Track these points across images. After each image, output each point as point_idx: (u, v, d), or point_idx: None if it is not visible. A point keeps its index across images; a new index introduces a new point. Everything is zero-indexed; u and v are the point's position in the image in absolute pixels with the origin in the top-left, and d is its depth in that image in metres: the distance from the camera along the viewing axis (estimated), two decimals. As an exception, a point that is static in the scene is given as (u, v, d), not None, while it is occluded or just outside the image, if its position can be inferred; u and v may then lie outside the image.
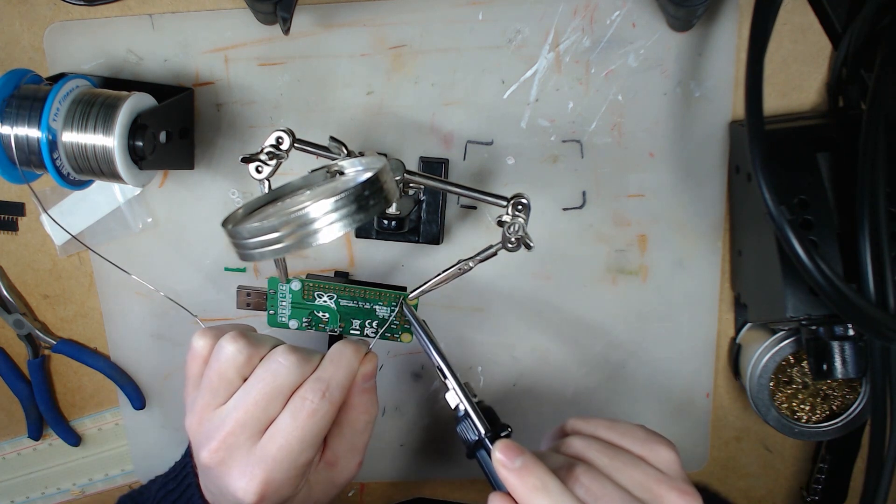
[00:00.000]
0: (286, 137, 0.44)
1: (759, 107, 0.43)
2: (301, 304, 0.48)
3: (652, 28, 0.51)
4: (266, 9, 0.46)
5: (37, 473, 0.62)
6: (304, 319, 0.48)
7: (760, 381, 0.53)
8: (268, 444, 0.41)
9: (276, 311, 0.48)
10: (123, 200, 0.55)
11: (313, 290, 0.48)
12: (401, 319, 0.48)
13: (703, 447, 0.59)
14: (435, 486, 0.61)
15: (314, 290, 0.48)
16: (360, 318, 0.48)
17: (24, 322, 0.57)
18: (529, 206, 0.44)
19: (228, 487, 0.41)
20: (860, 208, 0.43)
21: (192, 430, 0.43)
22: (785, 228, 0.41)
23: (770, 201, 0.41)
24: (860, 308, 0.41)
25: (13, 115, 0.45)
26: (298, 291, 0.48)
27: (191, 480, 0.46)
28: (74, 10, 0.52)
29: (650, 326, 0.57)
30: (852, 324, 0.46)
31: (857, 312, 0.42)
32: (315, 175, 0.46)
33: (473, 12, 0.52)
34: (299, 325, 0.49)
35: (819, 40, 0.51)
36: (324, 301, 0.48)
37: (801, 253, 0.41)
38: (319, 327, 0.49)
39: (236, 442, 0.41)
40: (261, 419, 0.41)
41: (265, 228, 0.37)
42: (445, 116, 0.53)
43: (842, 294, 0.41)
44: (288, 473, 0.41)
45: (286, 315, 0.48)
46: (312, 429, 0.41)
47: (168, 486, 0.47)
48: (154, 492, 0.48)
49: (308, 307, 0.48)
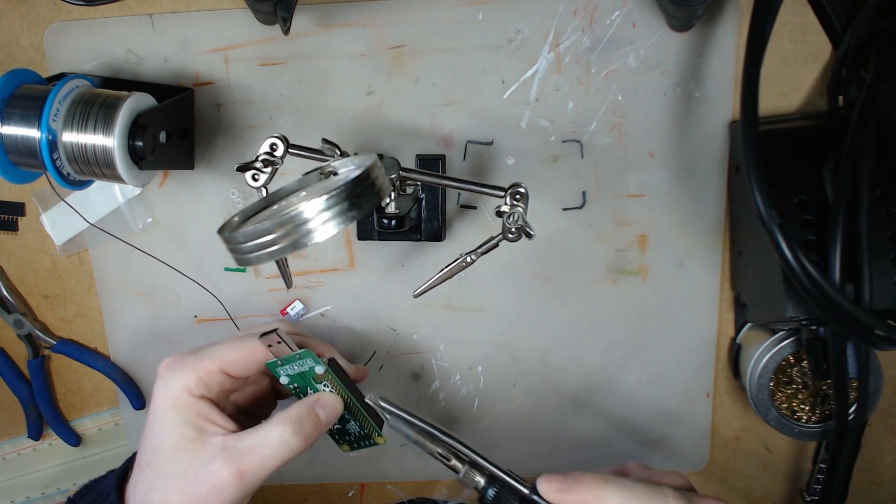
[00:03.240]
0: (280, 144, 0.44)
1: (754, 110, 0.43)
2: (306, 378, 0.47)
3: (652, 28, 0.51)
4: (266, 9, 0.46)
5: (37, 473, 0.62)
6: (294, 385, 0.47)
7: (760, 381, 0.53)
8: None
9: (282, 365, 0.46)
10: (123, 200, 0.55)
11: (324, 378, 0.47)
12: (369, 428, 0.49)
13: (703, 447, 0.59)
14: (435, 486, 0.61)
15: (325, 378, 0.47)
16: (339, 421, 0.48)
17: (24, 322, 0.57)
18: (527, 194, 0.44)
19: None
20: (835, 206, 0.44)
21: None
22: (774, 231, 0.41)
23: (761, 204, 0.41)
24: (846, 311, 0.42)
25: (13, 115, 0.45)
26: (315, 373, 0.46)
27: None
28: (74, 10, 0.52)
29: (650, 326, 0.57)
30: (837, 328, 0.46)
31: (842, 316, 0.42)
32: (309, 177, 0.46)
33: (473, 12, 0.52)
34: (288, 385, 0.47)
35: (819, 40, 0.51)
36: (322, 388, 0.47)
37: (789, 254, 0.41)
38: (300, 397, 0.48)
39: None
40: None
41: (259, 231, 0.37)
42: (445, 116, 0.53)
43: (827, 296, 0.41)
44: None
45: (287, 373, 0.47)
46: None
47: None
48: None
49: (308, 384, 0.47)
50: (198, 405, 0.44)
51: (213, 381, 0.45)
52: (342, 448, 0.51)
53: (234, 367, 0.45)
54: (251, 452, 0.42)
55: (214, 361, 0.45)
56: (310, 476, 0.61)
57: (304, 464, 0.61)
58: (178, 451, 0.43)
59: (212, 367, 0.45)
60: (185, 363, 0.45)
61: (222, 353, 0.45)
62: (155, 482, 0.43)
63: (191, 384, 0.44)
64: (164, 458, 0.43)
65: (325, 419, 0.45)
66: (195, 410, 0.44)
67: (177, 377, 0.44)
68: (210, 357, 0.45)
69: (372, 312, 0.57)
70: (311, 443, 0.44)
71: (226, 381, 0.46)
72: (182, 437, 0.43)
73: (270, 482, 0.61)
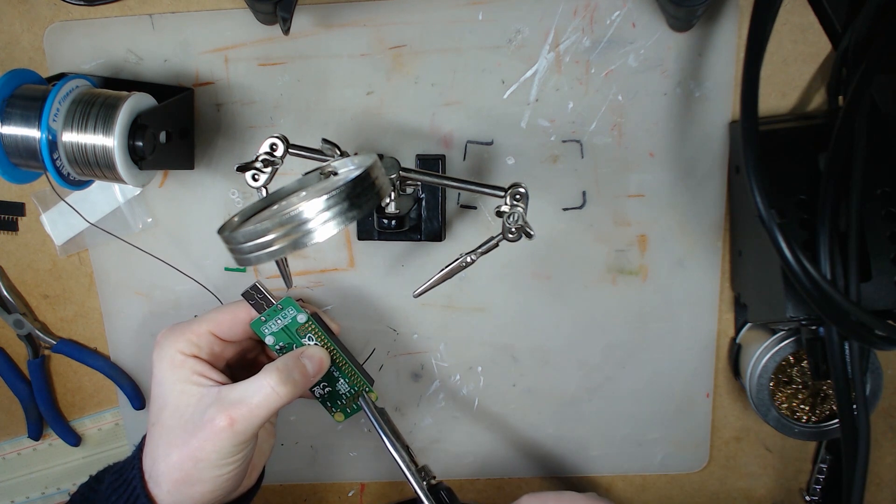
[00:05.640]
0: (280, 144, 0.44)
1: (754, 110, 0.43)
2: (290, 333, 0.48)
3: (652, 28, 0.51)
4: (266, 9, 0.46)
5: (37, 473, 0.62)
6: (280, 344, 0.49)
7: (760, 381, 0.53)
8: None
9: (266, 321, 0.48)
10: (123, 200, 0.55)
11: (308, 331, 0.48)
12: (359, 384, 0.50)
13: (703, 447, 0.59)
14: (435, 486, 0.61)
15: (308, 330, 0.48)
16: (323, 378, 0.50)
17: (24, 322, 0.57)
18: (528, 194, 0.44)
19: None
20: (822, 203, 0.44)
21: None
22: (774, 230, 0.41)
23: (760, 204, 0.41)
24: (845, 311, 0.42)
25: (13, 115, 0.45)
26: (299, 324, 0.48)
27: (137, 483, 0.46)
28: (74, 10, 0.52)
29: (650, 326, 0.57)
30: (838, 328, 0.46)
31: (842, 316, 0.42)
32: (309, 177, 0.46)
33: (473, 12, 0.52)
34: (273, 345, 0.49)
35: (819, 40, 0.51)
36: (307, 341, 0.49)
37: (789, 254, 0.41)
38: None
39: None
40: None
41: (259, 231, 0.37)
42: (445, 116, 0.53)
43: (828, 296, 0.41)
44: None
45: (271, 331, 0.48)
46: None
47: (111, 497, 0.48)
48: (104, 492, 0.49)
49: (293, 339, 0.49)
50: (191, 363, 0.47)
51: (202, 343, 0.48)
52: (336, 418, 0.51)
53: (222, 329, 0.48)
54: (242, 401, 0.45)
55: (203, 325, 0.48)
56: (310, 476, 0.61)
57: (304, 464, 0.61)
58: (177, 406, 0.46)
59: (201, 329, 0.48)
60: (178, 329, 0.48)
61: (211, 316, 0.49)
62: (159, 438, 0.46)
63: (182, 346, 0.47)
64: (165, 416, 0.46)
65: (311, 369, 0.47)
66: (189, 368, 0.46)
67: (170, 342, 0.48)
68: (199, 321, 0.48)
69: (372, 312, 0.57)
70: (299, 392, 0.46)
71: (215, 343, 0.48)
72: (181, 392, 0.46)
73: (270, 482, 0.61)
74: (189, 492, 0.45)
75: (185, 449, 0.44)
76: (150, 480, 0.46)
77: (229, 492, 0.47)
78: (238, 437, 0.44)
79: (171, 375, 0.46)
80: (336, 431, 0.60)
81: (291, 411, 0.60)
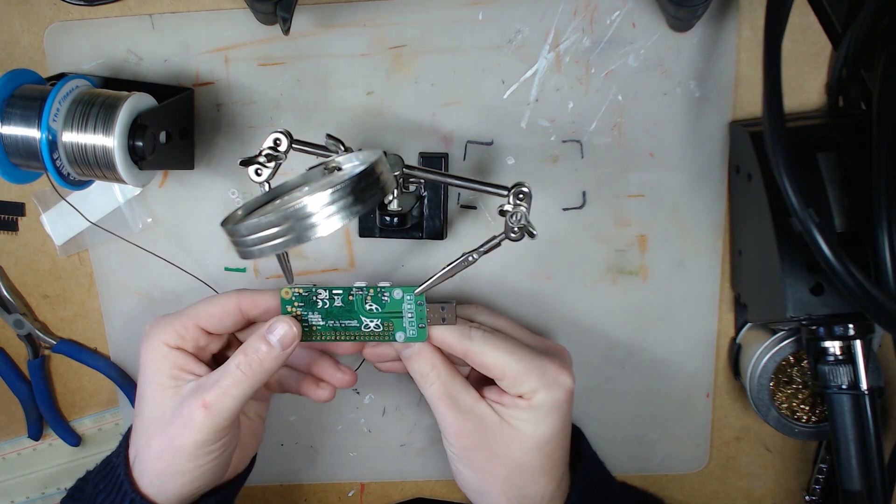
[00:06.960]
0: (284, 139, 0.44)
1: (779, 109, 0.42)
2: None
3: (652, 28, 0.51)
4: (266, 9, 0.46)
5: (37, 473, 0.62)
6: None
7: (760, 381, 0.53)
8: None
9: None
10: (123, 200, 0.55)
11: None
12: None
13: (703, 447, 0.59)
14: (435, 486, 0.61)
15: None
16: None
17: (24, 322, 0.57)
18: (531, 194, 0.44)
19: None
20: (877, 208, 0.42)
21: None
22: (812, 231, 0.40)
23: (797, 204, 0.40)
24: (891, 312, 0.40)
25: (13, 115, 0.45)
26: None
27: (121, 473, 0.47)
28: (74, 10, 0.52)
29: (650, 326, 0.57)
30: (883, 327, 0.44)
31: (889, 316, 0.40)
32: (313, 172, 0.46)
33: (473, 12, 0.52)
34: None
35: (819, 40, 0.51)
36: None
37: (831, 257, 0.40)
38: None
39: None
40: None
41: (263, 224, 0.37)
42: (445, 116, 0.53)
43: (872, 298, 0.40)
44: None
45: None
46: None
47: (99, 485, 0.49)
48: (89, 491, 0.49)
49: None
50: (174, 355, 0.47)
51: (188, 335, 0.47)
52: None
53: (209, 322, 0.48)
54: (214, 385, 0.45)
55: (191, 317, 0.48)
56: (310, 476, 0.61)
57: (304, 464, 0.61)
58: (158, 397, 0.46)
59: (188, 321, 0.48)
60: (165, 320, 0.48)
61: (198, 308, 0.48)
62: (141, 428, 0.47)
63: (168, 338, 0.47)
64: (147, 406, 0.47)
65: (276, 342, 0.46)
66: (171, 361, 0.47)
67: (156, 333, 0.47)
68: (187, 313, 0.48)
69: (372, 312, 0.57)
70: (268, 368, 0.46)
71: (202, 336, 0.48)
72: (160, 385, 0.46)
73: (270, 482, 0.61)
74: (170, 482, 0.46)
75: (164, 438, 0.45)
76: (135, 469, 0.47)
77: (211, 482, 0.47)
78: (214, 421, 0.44)
79: (153, 368, 0.47)
80: (336, 431, 0.60)
81: (291, 411, 0.60)
